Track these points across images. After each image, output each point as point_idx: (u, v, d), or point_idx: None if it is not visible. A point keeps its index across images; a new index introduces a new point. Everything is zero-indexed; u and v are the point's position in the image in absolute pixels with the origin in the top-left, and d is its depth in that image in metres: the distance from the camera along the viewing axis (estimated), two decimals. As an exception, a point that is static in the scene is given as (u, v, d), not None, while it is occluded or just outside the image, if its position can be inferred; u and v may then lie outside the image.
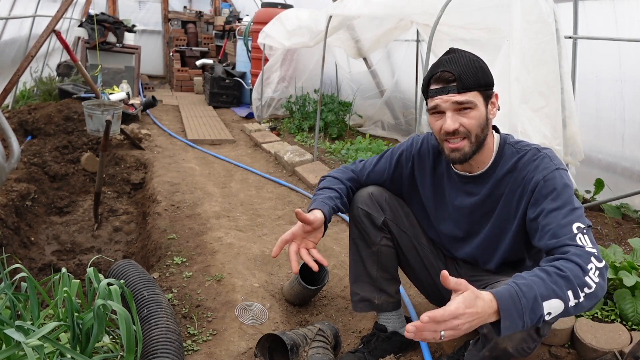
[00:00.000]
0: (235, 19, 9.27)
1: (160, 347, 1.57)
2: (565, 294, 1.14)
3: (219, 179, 3.99)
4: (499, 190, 1.49)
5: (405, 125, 5.34)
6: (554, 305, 1.13)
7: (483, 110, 1.41)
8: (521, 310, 1.10)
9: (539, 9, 2.36)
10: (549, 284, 1.14)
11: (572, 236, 1.23)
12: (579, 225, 1.25)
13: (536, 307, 1.11)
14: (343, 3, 3.75)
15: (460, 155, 1.43)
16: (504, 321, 1.09)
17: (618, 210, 3.05)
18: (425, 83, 1.47)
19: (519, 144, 1.50)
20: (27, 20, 5.24)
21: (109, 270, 2.06)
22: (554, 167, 1.37)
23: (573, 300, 1.14)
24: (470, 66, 1.40)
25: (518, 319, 1.10)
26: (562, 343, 1.78)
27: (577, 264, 1.18)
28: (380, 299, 1.75)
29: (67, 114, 4.58)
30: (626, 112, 3.03)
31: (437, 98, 1.41)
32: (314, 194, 1.70)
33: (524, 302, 1.11)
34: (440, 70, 1.40)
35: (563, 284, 1.15)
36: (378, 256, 1.72)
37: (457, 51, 1.45)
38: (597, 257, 1.20)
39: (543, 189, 1.35)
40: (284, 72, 6.10)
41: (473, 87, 1.38)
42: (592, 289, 1.16)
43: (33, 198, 3.46)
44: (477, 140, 1.42)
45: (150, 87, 8.45)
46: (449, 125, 1.39)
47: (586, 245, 1.21)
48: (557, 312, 1.14)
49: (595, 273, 1.17)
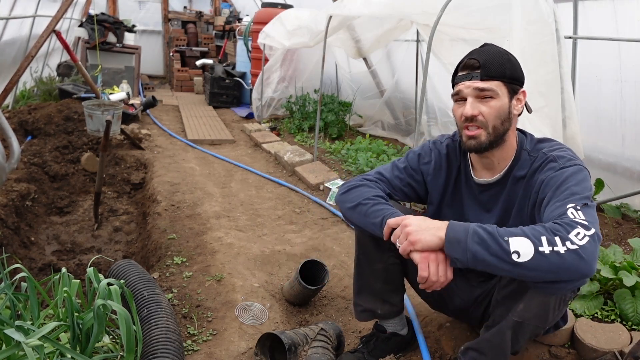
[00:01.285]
0: (235, 19, 9.26)
1: (160, 347, 1.57)
2: (537, 238, 1.15)
3: (219, 179, 3.99)
4: (514, 197, 1.49)
5: (405, 126, 5.34)
6: (521, 243, 1.15)
7: (506, 102, 1.41)
8: (467, 229, 1.22)
9: (539, 9, 2.36)
10: (519, 228, 1.19)
11: (563, 212, 1.21)
12: (573, 205, 1.22)
13: (493, 236, 1.18)
14: (343, 3, 3.75)
15: (476, 143, 1.43)
16: (447, 232, 1.24)
17: (618, 210, 3.05)
18: (454, 71, 1.49)
19: (534, 148, 1.48)
20: (27, 20, 5.24)
21: (109, 270, 2.06)
22: (559, 167, 1.36)
23: (547, 247, 1.13)
24: (497, 57, 1.41)
25: (462, 234, 1.22)
26: (562, 343, 1.78)
27: (559, 224, 1.17)
28: (383, 309, 1.74)
29: (67, 114, 4.59)
30: (626, 112, 3.03)
31: (460, 84, 1.44)
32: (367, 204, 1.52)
33: (474, 226, 1.21)
34: (467, 58, 1.43)
35: (536, 229, 1.17)
36: (384, 273, 1.69)
37: (490, 45, 1.47)
38: (586, 226, 1.17)
39: (546, 187, 1.35)
40: (284, 72, 6.10)
41: (497, 76, 1.39)
42: (575, 246, 1.13)
43: (33, 198, 3.46)
44: (494, 132, 1.42)
45: (150, 87, 8.45)
46: (467, 110, 1.41)
47: (576, 218, 1.19)
48: (527, 252, 1.14)
49: (580, 236, 1.14)
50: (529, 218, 1.44)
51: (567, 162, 1.36)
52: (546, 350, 1.76)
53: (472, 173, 1.59)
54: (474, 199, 1.58)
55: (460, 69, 1.46)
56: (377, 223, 1.46)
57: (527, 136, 1.53)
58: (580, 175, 1.33)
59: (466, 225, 1.25)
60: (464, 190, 1.61)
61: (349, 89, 5.94)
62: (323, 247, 2.76)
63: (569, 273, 1.14)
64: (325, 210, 3.38)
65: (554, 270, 1.14)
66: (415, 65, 4.93)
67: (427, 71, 2.75)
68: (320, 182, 3.79)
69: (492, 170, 1.53)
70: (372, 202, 1.52)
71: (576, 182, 1.30)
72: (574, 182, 1.30)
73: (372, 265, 1.69)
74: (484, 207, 1.56)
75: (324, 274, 2.15)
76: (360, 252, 1.71)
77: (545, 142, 1.49)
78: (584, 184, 1.31)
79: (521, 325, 1.35)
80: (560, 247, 1.13)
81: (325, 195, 3.61)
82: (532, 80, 2.37)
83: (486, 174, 1.55)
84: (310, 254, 2.66)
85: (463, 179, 1.62)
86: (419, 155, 1.69)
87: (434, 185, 1.66)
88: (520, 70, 1.45)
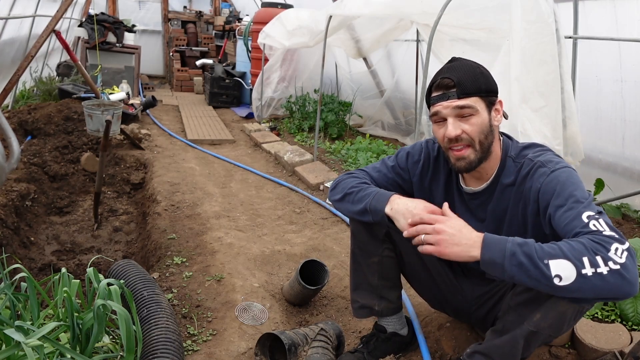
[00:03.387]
0: (235, 19, 9.26)
1: (160, 347, 1.57)
2: (578, 259, 1.10)
3: (219, 179, 3.99)
4: (502, 204, 1.47)
5: (405, 126, 5.34)
6: (563, 267, 1.10)
7: (486, 117, 1.40)
8: (504, 251, 1.17)
9: (539, 9, 2.36)
10: (556, 246, 1.13)
11: (585, 224, 1.18)
12: (588, 214, 1.20)
13: (532, 259, 1.13)
14: (343, 3, 3.75)
15: (465, 163, 1.42)
16: (483, 252, 1.19)
17: (618, 210, 3.05)
18: (427, 92, 1.47)
19: (519, 155, 1.47)
20: (27, 20, 5.24)
21: (108, 270, 2.06)
22: (549, 171, 1.34)
23: (589, 269, 1.09)
24: (470, 72, 1.40)
25: (499, 255, 1.17)
26: (563, 343, 1.78)
27: (596, 242, 1.13)
28: (380, 306, 1.74)
29: (67, 114, 4.58)
30: (626, 112, 3.03)
31: (437, 105, 1.41)
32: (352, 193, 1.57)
33: (510, 246, 1.17)
34: (440, 78, 1.41)
35: (575, 249, 1.12)
36: (379, 266, 1.69)
37: (459, 59, 1.45)
38: (619, 240, 1.13)
39: (545, 194, 1.32)
40: (284, 72, 6.10)
41: (473, 92, 1.38)
42: (617, 266, 1.09)
43: (33, 198, 3.46)
44: (481, 148, 1.41)
45: (150, 87, 8.45)
46: (450, 131, 1.39)
47: (604, 230, 1.15)
48: (569, 276, 1.10)
49: (619, 252, 1.10)
50: (525, 227, 1.43)
51: (556, 166, 1.35)
52: (546, 351, 1.75)
53: (461, 182, 1.58)
54: (466, 207, 1.57)
55: (434, 89, 1.43)
56: (363, 208, 1.50)
57: (513, 141, 1.52)
58: (574, 178, 1.32)
59: (502, 245, 1.19)
60: (456, 197, 1.60)
61: (349, 89, 5.94)
62: (323, 247, 2.76)
63: (612, 293, 1.11)
64: (325, 210, 3.37)
65: (597, 291, 1.11)
66: (415, 65, 4.93)
67: (427, 71, 2.75)
68: (320, 182, 3.79)
69: (480, 180, 1.52)
70: (357, 189, 1.56)
71: (575, 186, 1.29)
72: (574, 187, 1.29)
73: (368, 259, 1.69)
74: (476, 217, 1.55)
75: (324, 274, 2.15)
76: (355, 245, 1.71)
77: (529, 148, 1.48)
78: (582, 185, 1.31)
79: (535, 334, 1.34)
80: (603, 267, 1.09)
81: (325, 195, 3.61)
82: (532, 80, 2.38)
83: (474, 183, 1.54)
84: (310, 254, 2.66)
85: (454, 185, 1.60)
86: (407, 154, 1.68)
87: (420, 186, 1.65)
88: (493, 81, 1.44)
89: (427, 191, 1.64)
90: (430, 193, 1.64)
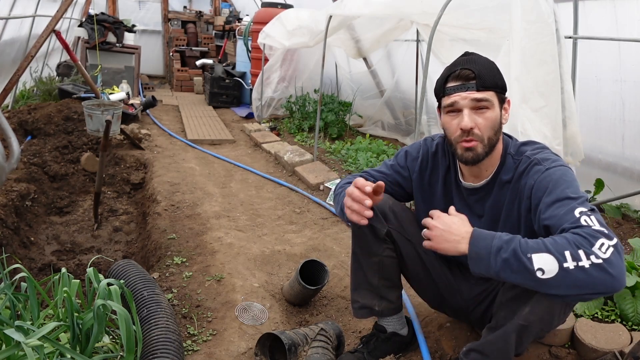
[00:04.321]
0: (235, 19, 9.26)
1: (160, 347, 1.57)
2: (560, 253, 1.12)
3: (219, 179, 3.99)
4: (500, 201, 1.48)
5: (405, 126, 5.34)
6: (545, 260, 1.13)
7: (498, 113, 1.42)
8: (490, 247, 1.21)
9: (539, 9, 2.36)
10: (540, 241, 1.16)
11: (576, 219, 1.19)
12: (581, 210, 1.20)
13: (516, 254, 1.16)
14: (343, 3, 3.75)
15: (473, 154, 1.42)
16: (470, 248, 1.24)
17: (618, 210, 3.05)
18: (441, 81, 1.46)
19: (517, 152, 1.48)
20: (27, 20, 5.24)
21: (108, 270, 2.06)
22: (544, 169, 1.35)
23: (571, 263, 1.11)
24: (489, 66, 1.42)
25: (485, 251, 1.21)
26: (562, 343, 1.78)
27: (581, 235, 1.14)
28: (380, 306, 1.74)
29: (67, 114, 4.58)
30: (626, 112, 3.03)
31: (455, 95, 1.41)
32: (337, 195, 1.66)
33: (497, 242, 1.20)
34: (460, 68, 1.41)
35: (559, 243, 1.14)
36: (380, 266, 1.69)
37: (474, 54, 1.46)
38: (607, 235, 1.14)
39: (538, 191, 1.33)
40: (284, 72, 6.10)
41: (491, 86, 1.39)
42: (601, 260, 1.10)
43: (33, 198, 3.46)
44: (489, 143, 1.42)
45: (150, 87, 8.44)
46: (466, 122, 1.39)
47: (593, 225, 1.16)
48: (551, 269, 1.12)
49: (604, 248, 1.11)
50: (519, 223, 1.44)
51: (552, 164, 1.36)
52: (546, 351, 1.76)
53: (460, 177, 1.59)
54: (464, 202, 1.58)
55: (451, 79, 1.43)
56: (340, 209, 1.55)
57: (512, 139, 1.53)
58: (569, 176, 1.33)
59: (489, 241, 1.23)
60: (455, 193, 1.61)
61: (349, 89, 5.94)
62: (323, 247, 2.76)
63: (594, 288, 1.11)
64: (325, 210, 3.38)
65: (579, 285, 1.12)
66: (415, 65, 4.93)
67: (427, 71, 2.75)
68: (320, 182, 3.79)
69: (478, 177, 1.53)
70: (340, 190, 1.61)
71: (568, 184, 1.30)
72: (566, 185, 1.29)
73: (369, 259, 1.69)
74: (474, 213, 1.55)
75: (324, 274, 2.15)
76: (356, 245, 1.71)
77: (527, 145, 1.49)
78: (576, 184, 1.31)
79: (526, 329, 1.35)
80: (585, 261, 1.10)
81: (325, 195, 3.61)
82: (532, 80, 2.37)
83: (474, 179, 1.54)
84: (310, 254, 2.66)
85: (453, 181, 1.61)
86: (406, 152, 1.70)
87: (420, 182, 1.67)
88: (504, 79, 1.46)
89: (427, 187, 1.66)
90: (430, 188, 1.65)
